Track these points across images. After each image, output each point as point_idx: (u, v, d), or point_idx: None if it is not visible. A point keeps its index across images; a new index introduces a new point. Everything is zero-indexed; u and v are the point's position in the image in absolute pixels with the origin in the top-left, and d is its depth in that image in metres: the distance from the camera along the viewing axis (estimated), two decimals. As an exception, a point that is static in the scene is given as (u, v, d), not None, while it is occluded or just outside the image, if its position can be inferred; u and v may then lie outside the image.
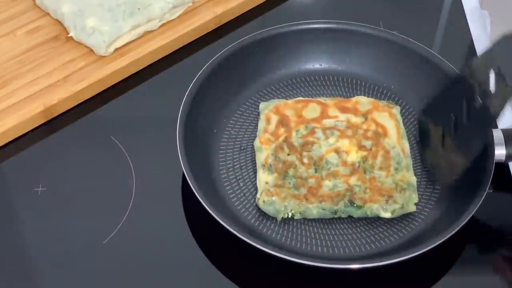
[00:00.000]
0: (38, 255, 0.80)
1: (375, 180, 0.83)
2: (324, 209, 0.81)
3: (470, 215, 0.77)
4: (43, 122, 0.91)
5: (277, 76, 0.95)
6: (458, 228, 0.76)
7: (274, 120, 0.88)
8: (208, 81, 0.89)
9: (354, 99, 0.90)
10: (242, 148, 0.88)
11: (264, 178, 0.83)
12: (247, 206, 0.83)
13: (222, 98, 0.91)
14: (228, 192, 0.84)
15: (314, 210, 0.81)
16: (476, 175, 0.81)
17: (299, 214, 0.81)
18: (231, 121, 0.90)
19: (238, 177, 0.85)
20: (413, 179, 0.83)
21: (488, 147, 0.81)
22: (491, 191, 0.79)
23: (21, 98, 0.90)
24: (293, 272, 0.77)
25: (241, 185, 0.85)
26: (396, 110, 0.90)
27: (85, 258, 0.79)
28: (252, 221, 0.82)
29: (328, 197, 0.81)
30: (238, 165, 0.86)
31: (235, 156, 0.87)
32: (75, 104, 0.93)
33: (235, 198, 0.83)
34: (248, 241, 0.75)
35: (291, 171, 0.84)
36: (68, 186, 0.85)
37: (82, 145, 0.89)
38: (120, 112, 0.93)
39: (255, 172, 0.85)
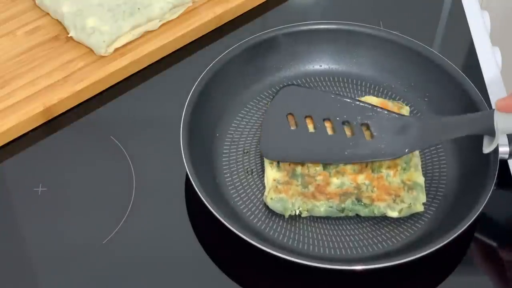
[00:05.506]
0: (38, 255, 0.80)
1: (383, 179, 0.83)
2: (331, 207, 0.81)
3: (476, 215, 0.77)
4: (43, 122, 0.91)
5: (277, 78, 0.95)
6: (464, 227, 0.76)
7: None
8: (208, 85, 0.88)
9: (363, 99, 0.90)
10: (245, 151, 0.88)
11: (272, 175, 0.83)
12: (252, 209, 0.83)
13: (223, 101, 0.90)
14: (233, 195, 0.84)
15: (321, 207, 0.81)
16: (480, 173, 0.81)
17: (306, 212, 0.81)
18: (233, 124, 0.90)
19: (242, 180, 0.85)
20: (421, 179, 0.83)
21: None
22: (494, 188, 0.79)
23: (21, 98, 0.90)
24: (299, 274, 0.77)
25: (246, 187, 0.84)
26: (406, 110, 0.89)
27: (85, 258, 0.79)
28: (257, 223, 0.81)
29: (335, 195, 0.81)
30: (242, 168, 0.86)
31: (238, 159, 0.87)
32: (75, 104, 0.93)
33: (240, 202, 0.83)
34: (254, 243, 0.75)
35: (299, 169, 0.83)
36: (68, 186, 0.85)
37: (82, 145, 0.89)
38: (120, 112, 0.93)
39: (259, 174, 0.85)
